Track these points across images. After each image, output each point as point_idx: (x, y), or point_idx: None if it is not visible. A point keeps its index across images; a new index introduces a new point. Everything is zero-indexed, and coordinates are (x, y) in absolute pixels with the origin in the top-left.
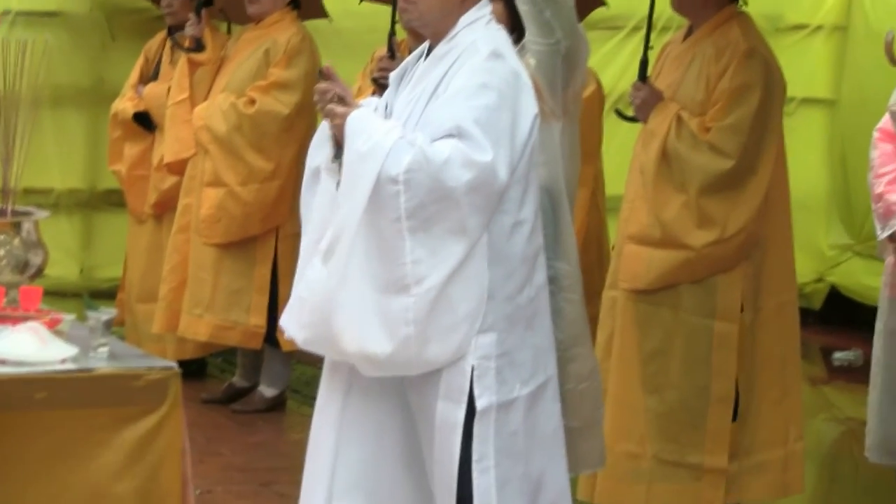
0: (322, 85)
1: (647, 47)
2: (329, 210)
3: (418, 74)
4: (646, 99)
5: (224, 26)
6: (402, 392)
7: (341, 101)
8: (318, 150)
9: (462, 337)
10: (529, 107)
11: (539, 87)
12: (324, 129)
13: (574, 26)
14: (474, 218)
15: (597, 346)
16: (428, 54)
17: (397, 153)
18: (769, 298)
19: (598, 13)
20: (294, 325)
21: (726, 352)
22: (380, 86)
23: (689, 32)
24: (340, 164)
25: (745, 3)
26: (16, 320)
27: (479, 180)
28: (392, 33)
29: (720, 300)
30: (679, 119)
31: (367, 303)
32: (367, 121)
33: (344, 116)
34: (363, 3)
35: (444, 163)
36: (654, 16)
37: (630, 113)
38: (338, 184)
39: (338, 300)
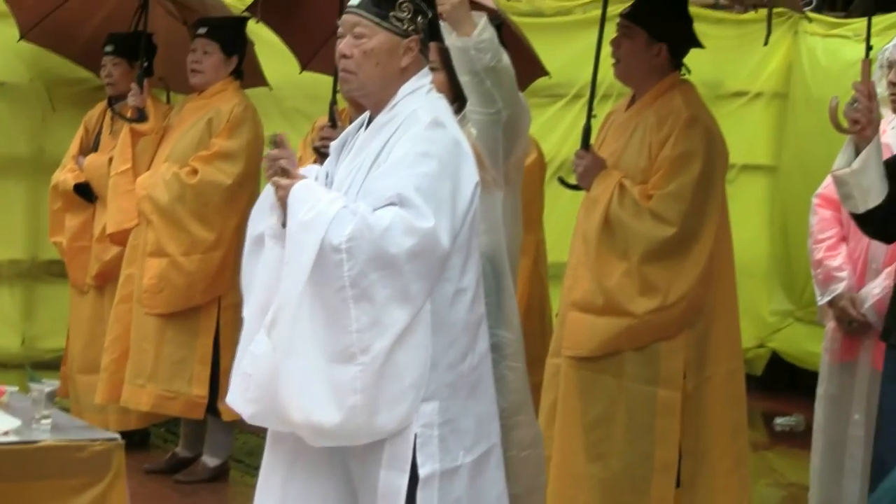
0: (274, 152)
1: (589, 115)
2: (274, 276)
3: (359, 144)
4: (588, 167)
5: (163, 95)
6: (345, 463)
7: (285, 172)
8: (262, 216)
9: (409, 405)
10: (470, 175)
11: (480, 156)
12: (268, 196)
13: (515, 96)
14: (417, 285)
15: (540, 414)
16: (369, 123)
17: (340, 222)
18: (716, 366)
19: (539, 81)
20: (240, 401)
21: (669, 419)
22: (321, 155)
23: (633, 101)
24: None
25: (688, 72)
26: None
27: (421, 247)
28: (333, 102)
29: (663, 367)
30: (621, 187)
31: (314, 372)
32: (310, 191)
33: (287, 188)
34: (304, 72)
35: (386, 230)
36: (596, 83)
37: (572, 181)
38: None
39: (284, 371)
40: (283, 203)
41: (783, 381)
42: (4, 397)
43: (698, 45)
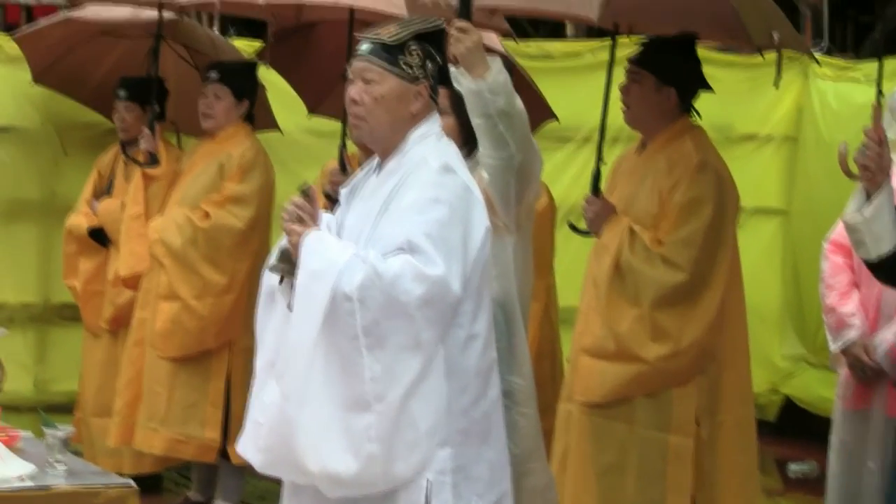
0: (299, 201)
1: (599, 161)
2: (284, 328)
3: (369, 189)
4: (598, 212)
5: (174, 138)
6: None
7: (301, 221)
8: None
9: (424, 452)
10: (481, 221)
11: (492, 202)
12: (277, 249)
13: (528, 140)
14: (429, 332)
15: (552, 460)
16: (378, 169)
17: (351, 271)
18: (728, 413)
19: (548, 126)
20: (251, 449)
21: (681, 466)
22: (331, 200)
23: (643, 146)
24: (291, 286)
25: (699, 116)
26: None
27: (432, 294)
28: (343, 147)
29: (675, 414)
30: (632, 232)
31: (329, 422)
32: (321, 240)
33: (300, 235)
34: (313, 116)
35: (396, 278)
36: (605, 128)
37: (582, 226)
38: (289, 305)
39: (298, 421)
40: (294, 249)
41: (797, 427)
42: (19, 442)
43: (708, 88)
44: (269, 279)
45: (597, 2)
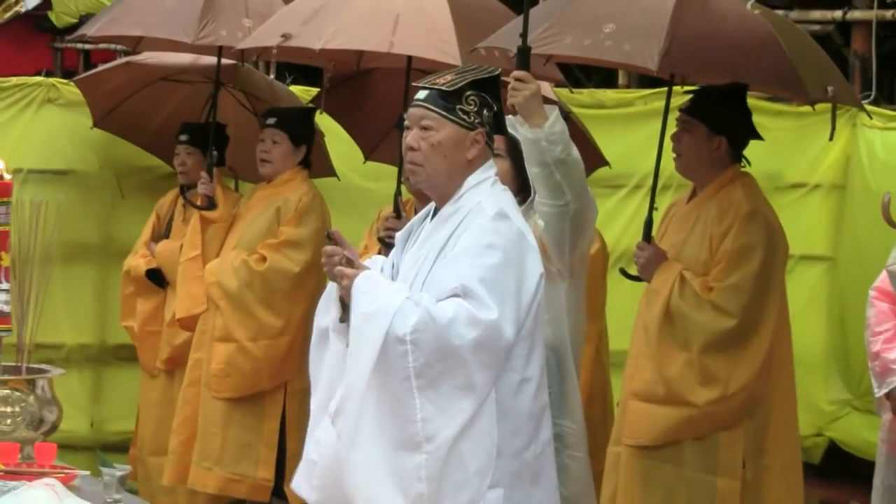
0: (329, 248)
1: (651, 208)
2: (338, 370)
3: (424, 234)
4: (650, 258)
5: (232, 182)
6: None
7: (349, 263)
8: (326, 311)
9: (473, 492)
10: (535, 266)
11: (546, 248)
12: (331, 291)
13: (584, 188)
14: (481, 375)
15: (602, 502)
16: (434, 214)
17: (404, 313)
18: (774, 456)
19: (600, 171)
20: (305, 487)
21: None
22: (386, 245)
23: (694, 193)
24: (348, 326)
25: (748, 164)
26: (31, 476)
27: (485, 338)
28: (398, 193)
29: (722, 457)
30: (682, 278)
31: (380, 461)
32: (373, 282)
33: (352, 278)
34: (368, 161)
35: (450, 322)
36: (658, 175)
37: (633, 271)
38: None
39: (350, 460)
40: (347, 293)
41: (840, 470)
42: (76, 481)
43: (758, 136)
44: (322, 321)
45: (656, 52)
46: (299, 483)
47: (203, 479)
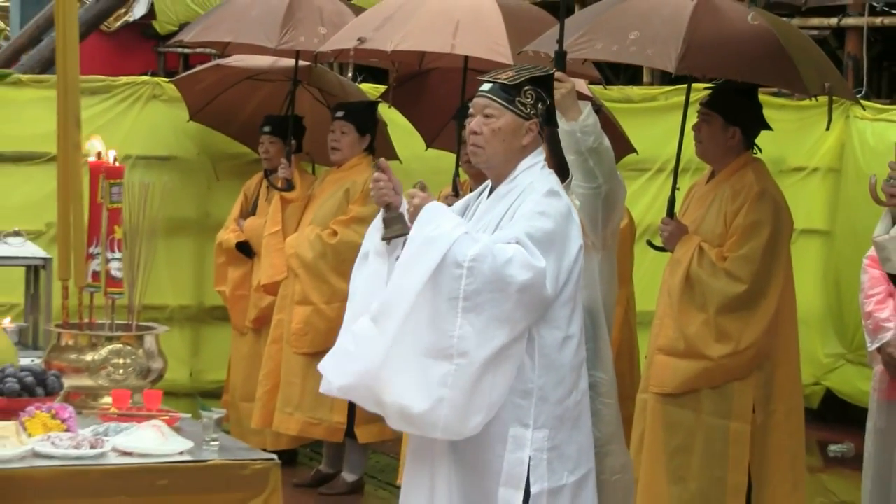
0: (377, 174)
1: (674, 188)
2: (374, 286)
3: (481, 210)
4: (673, 232)
5: (310, 167)
6: (464, 483)
7: (423, 188)
8: (370, 238)
9: (482, 418)
10: (577, 238)
11: (583, 224)
12: (376, 221)
13: (614, 173)
14: (520, 312)
15: (631, 443)
16: (490, 192)
17: (464, 243)
18: (780, 403)
19: (628, 157)
20: (334, 371)
21: (740, 448)
22: None
23: (712, 175)
24: (401, 244)
25: (759, 151)
26: (141, 419)
27: (532, 282)
28: (456, 175)
29: (735, 404)
30: (700, 249)
31: (412, 363)
32: (439, 212)
33: (425, 200)
34: (429, 149)
35: (508, 261)
36: (679, 160)
37: (659, 243)
38: (397, 258)
39: (387, 356)
40: (415, 212)
41: (836, 414)
42: (178, 423)
43: (768, 127)
44: (366, 245)
45: (674, 56)
46: (328, 366)
47: (286, 422)
